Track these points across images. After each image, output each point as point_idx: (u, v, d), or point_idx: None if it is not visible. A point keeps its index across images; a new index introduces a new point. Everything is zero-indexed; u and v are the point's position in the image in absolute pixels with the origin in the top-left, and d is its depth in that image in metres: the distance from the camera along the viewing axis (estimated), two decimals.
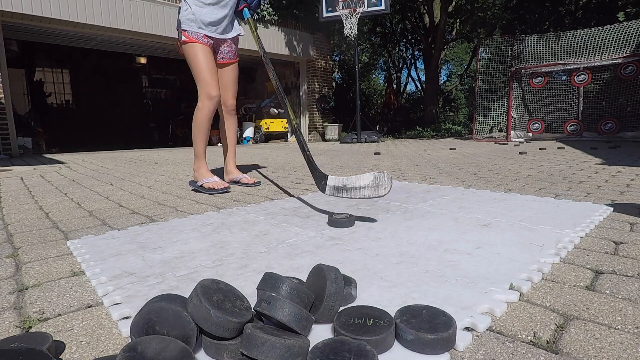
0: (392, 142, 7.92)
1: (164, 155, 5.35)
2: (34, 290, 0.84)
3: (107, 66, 11.26)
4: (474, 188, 2.00)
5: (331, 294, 0.63)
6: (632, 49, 6.36)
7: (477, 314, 0.67)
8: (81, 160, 4.62)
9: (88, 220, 1.51)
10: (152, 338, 0.51)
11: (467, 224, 1.26)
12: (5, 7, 5.30)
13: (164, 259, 1.00)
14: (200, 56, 2.09)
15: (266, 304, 0.57)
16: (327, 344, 0.54)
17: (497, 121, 8.04)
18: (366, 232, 1.20)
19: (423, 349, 0.56)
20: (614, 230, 1.18)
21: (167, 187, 2.36)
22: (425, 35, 12.04)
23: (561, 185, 2.04)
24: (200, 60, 2.09)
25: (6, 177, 3.01)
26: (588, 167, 2.82)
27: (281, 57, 9.11)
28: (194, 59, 2.09)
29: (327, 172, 2.97)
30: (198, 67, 2.09)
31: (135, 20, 6.54)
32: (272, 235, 1.21)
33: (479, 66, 8.32)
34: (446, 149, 5.25)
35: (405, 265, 0.91)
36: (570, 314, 0.68)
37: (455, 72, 20.64)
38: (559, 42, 7.09)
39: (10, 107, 5.75)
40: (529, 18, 10.47)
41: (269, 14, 8.30)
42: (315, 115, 9.85)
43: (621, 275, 0.84)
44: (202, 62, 2.09)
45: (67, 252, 1.11)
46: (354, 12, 7.51)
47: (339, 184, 1.32)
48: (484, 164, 3.27)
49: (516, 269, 0.86)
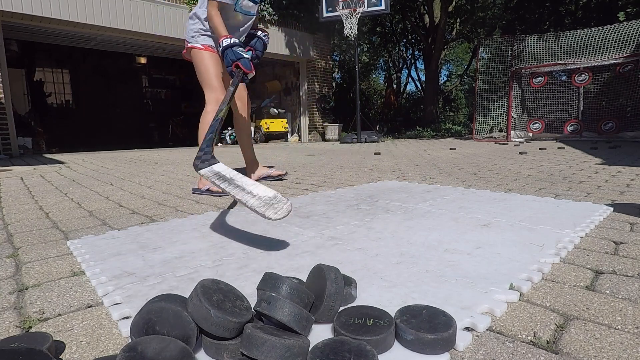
0: (392, 142, 7.92)
1: (164, 155, 5.34)
2: (34, 290, 0.84)
3: (107, 66, 11.26)
4: (474, 188, 2.00)
5: (331, 294, 0.63)
6: (632, 49, 6.36)
7: (477, 314, 0.67)
8: (81, 160, 4.62)
9: (88, 220, 1.51)
10: (152, 338, 0.51)
11: (467, 224, 1.26)
12: (5, 7, 5.30)
13: (164, 259, 1.00)
14: (208, 62, 2.13)
15: (266, 304, 0.57)
16: (327, 344, 0.54)
17: (497, 121, 8.04)
18: (366, 232, 1.20)
19: (423, 349, 0.56)
20: (614, 230, 1.18)
21: (167, 187, 2.36)
22: (425, 35, 12.04)
23: (561, 185, 2.04)
24: (209, 66, 2.12)
25: (6, 177, 3.01)
26: (588, 167, 2.82)
27: (281, 57, 9.11)
28: (203, 64, 2.13)
29: (326, 171, 2.97)
30: (207, 73, 2.13)
31: (135, 20, 6.54)
32: (272, 235, 1.21)
33: (479, 66, 8.32)
34: (446, 149, 5.25)
35: (405, 265, 0.91)
36: (570, 314, 0.68)
37: (455, 72, 20.64)
38: (559, 42, 7.09)
39: (10, 107, 5.75)
40: (529, 18, 10.47)
41: (269, 14, 8.30)
42: (315, 115, 9.84)
43: (621, 275, 0.84)
44: (210, 68, 2.12)
45: (67, 252, 1.11)
46: (354, 12, 7.51)
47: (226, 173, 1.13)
48: (484, 164, 3.27)
49: (516, 269, 0.86)
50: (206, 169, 1.17)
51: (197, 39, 2.13)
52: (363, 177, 2.58)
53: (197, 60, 2.15)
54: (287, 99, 10.34)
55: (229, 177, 1.11)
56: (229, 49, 1.93)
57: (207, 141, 1.30)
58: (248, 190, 1.04)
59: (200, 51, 2.13)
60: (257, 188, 1.06)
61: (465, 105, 17.44)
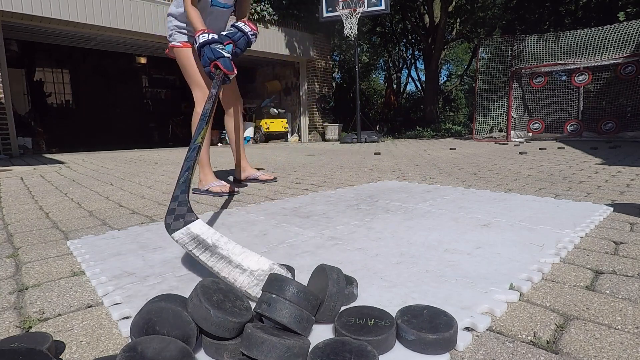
0: (392, 142, 7.92)
1: (164, 155, 5.34)
2: (34, 290, 0.84)
3: (107, 66, 11.25)
4: (474, 188, 1.99)
5: (332, 294, 0.63)
6: (632, 49, 6.36)
7: (477, 314, 0.67)
8: (81, 160, 4.62)
9: (88, 220, 1.51)
10: (152, 338, 0.51)
11: (467, 224, 1.26)
12: (5, 7, 5.30)
13: (164, 258, 1.00)
14: (193, 60, 2.06)
15: (266, 305, 0.57)
16: (327, 344, 0.54)
17: (497, 121, 8.04)
18: (366, 232, 1.20)
19: (424, 349, 0.56)
20: (614, 230, 1.18)
21: (167, 187, 2.36)
22: (425, 35, 12.04)
23: (561, 185, 2.04)
24: (193, 64, 2.06)
25: (6, 177, 3.01)
26: (588, 167, 2.82)
27: (281, 57, 9.11)
28: (186, 62, 2.07)
29: (326, 171, 2.97)
30: (191, 71, 2.07)
31: (135, 20, 6.54)
32: (272, 235, 1.21)
33: (479, 66, 8.33)
34: (446, 149, 5.25)
35: (405, 265, 0.91)
36: (570, 314, 0.68)
37: (455, 72, 20.64)
38: (559, 42, 7.09)
39: (10, 107, 5.75)
40: (529, 18, 10.47)
41: (269, 14, 8.30)
42: (315, 115, 9.85)
43: (621, 275, 0.84)
44: (194, 65, 2.06)
45: (67, 252, 1.11)
46: (354, 12, 7.51)
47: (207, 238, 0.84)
48: (484, 164, 3.27)
49: (516, 269, 0.86)
50: (181, 230, 0.85)
51: (175, 36, 2.07)
52: (363, 177, 2.58)
53: (180, 57, 2.08)
54: (287, 99, 10.34)
55: (210, 244, 0.82)
56: (206, 47, 1.75)
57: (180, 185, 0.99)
58: (236, 263, 0.78)
59: (181, 49, 2.06)
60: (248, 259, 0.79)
61: (465, 105, 17.44)
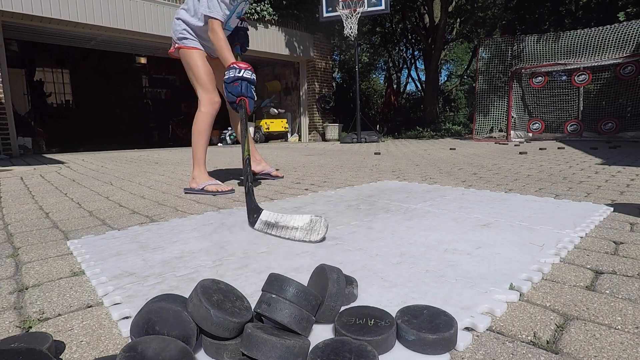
0: (392, 142, 7.92)
1: (164, 155, 5.34)
2: (34, 290, 0.84)
3: (107, 66, 11.26)
4: (474, 188, 2.00)
5: (332, 294, 0.63)
6: (632, 49, 6.36)
7: (477, 314, 0.67)
8: (81, 160, 4.62)
9: (88, 220, 1.51)
10: (152, 338, 0.51)
11: (467, 224, 1.26)
12: (5, 7, 5.30)
13: (164, 259, 1.00)
14: (199, 62, 2.09)
15: (266, 305, 0.57)
16: (327, 344, 0.54)
17: (497, 121, 8.03)
18: (366, 232, 1.20)
19: (424, 349, 0.56)
20: (614, 230, 1.18)
21: (167, 187, 2.36)
22: (425, 35, 12.04)
23: (561, 185, 2.04)
24: (200, 66, 2.09)
25: (6, 177, 3.01)
26: (588, 167, 2.82)
27: (281, 57, 9.11)
28: (194, 64, 2.09)
29: (326, 171, 2.98)
30: (198, 73, 2.09)
31: (135, 20, 6.54)
32: (272, 235, 1.20)
33: (479, 66, 8.32)
34: (446, 149, 5.25)
35: (405, 265, 0.91)
36: (570, 314, 0.68)
37: (455, 72, 20.63)
38: (559, 42, 7.09)
39: (10, 107, 5.75)
40: (529, 18, 10.47)
41: (269, 14, 8.30)
42: (315, 115, 9.85)
43: (621, 275, 0.84)
44: (201, 68, 2.09)
45: (67, 252, 1.11)
46: (354, 12, 7.51)
47: (271, 219, 1.22)
48: (484, 164, 3.27)
49: (516, 269, 0.86)
50: (257, 225, 1.25)
51: (186, 41, 2.09)
52: (363, 177, 2.58)
53: (187, 59, 2.10)
54: (287, 99, 10.34)
55: (274, 222, 1.20)
56: (244, 82, 1.80)
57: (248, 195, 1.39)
58: (292, 226, 1.14)
59: (190, 50, 2.09)
60: (296, 220, 1.14)
61: (465, 105, 17.43)
